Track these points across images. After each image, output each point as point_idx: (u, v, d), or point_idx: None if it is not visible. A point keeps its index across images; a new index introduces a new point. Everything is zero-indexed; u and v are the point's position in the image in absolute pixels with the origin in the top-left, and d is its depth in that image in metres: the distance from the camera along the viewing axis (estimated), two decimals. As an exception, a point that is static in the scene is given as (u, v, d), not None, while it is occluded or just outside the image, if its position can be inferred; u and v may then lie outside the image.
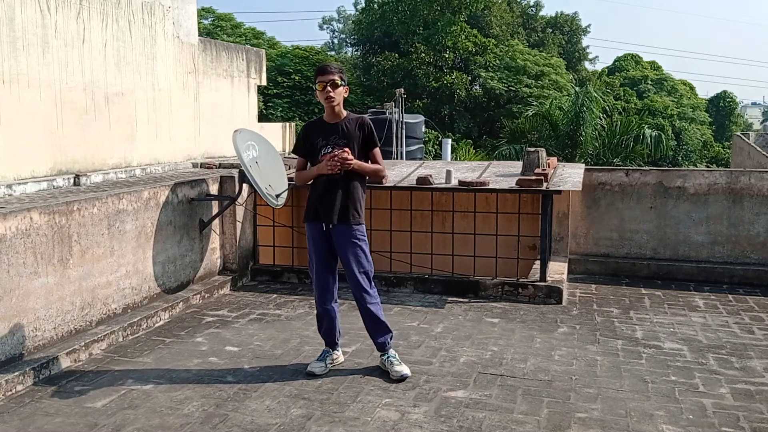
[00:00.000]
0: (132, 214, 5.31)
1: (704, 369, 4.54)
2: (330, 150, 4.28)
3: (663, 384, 4.26)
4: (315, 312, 4.61)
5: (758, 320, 5.64)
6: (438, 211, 7.00)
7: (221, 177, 6.54)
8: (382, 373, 4.39)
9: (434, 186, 6.34)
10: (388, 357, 4.42)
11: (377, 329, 4.43)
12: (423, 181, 6.36)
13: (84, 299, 4.83)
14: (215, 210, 6.44)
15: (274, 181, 6.11)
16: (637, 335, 5.22)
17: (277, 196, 5.99)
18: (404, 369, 4.34)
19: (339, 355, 4.60)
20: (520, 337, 5.13)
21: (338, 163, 4.21)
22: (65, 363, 4.45)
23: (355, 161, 4.26)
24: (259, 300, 6.14)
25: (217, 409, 3.86)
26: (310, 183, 4.46)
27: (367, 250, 4.39)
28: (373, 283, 4.46)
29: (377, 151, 4.46)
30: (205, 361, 4.59)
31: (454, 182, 6.45)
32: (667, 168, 9.71)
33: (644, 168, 7.50)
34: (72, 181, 6.17)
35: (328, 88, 4.25)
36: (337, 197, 4.26)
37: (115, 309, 5.15)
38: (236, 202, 6.41)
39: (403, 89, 14.72)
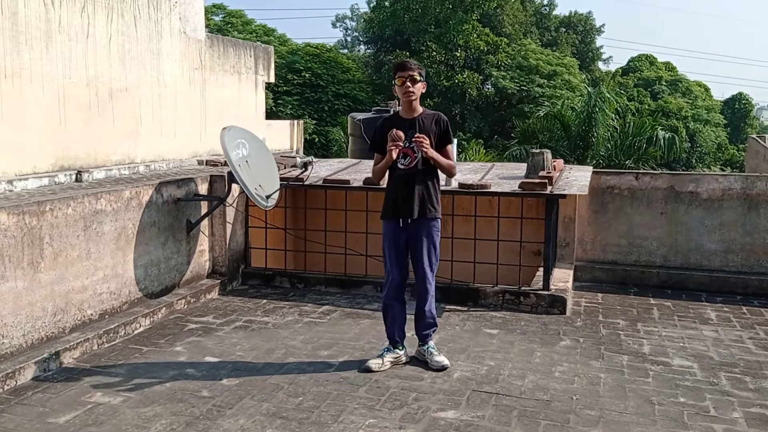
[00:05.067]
0: (111, 215, 5.05)
1: (716, 390, 4.21)
2: (407, 144, 4.32)
3: (671, 406, 3.94)
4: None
5: (774, 335, 5.30)
6: (437, 214, 6.68)
7: (211, 176, 6.28)
8: (370, 388, 4.10)
9: (433, 188, 6.03)
10: (428, 348, 4.51)
11: (428, 324, 4.51)
12: (421, 183, 6.06)
13: (57, 305, 4.57)
14: (204, 210, 6.17)
15: (265, 181, 5.85)
16: (644, 350, 4.90)
17: (268, 197, 5.74)
18: (444, 360, 4.45)
19: (401, 355, 4.51)
20: (520, 351, 4.82)
21: (415, 144, 4.25)
22: (33, 373, 4.20)
23: (432, 151, 4.29)
24: (248, 306, 5.87)
25: (186, 428, 3.58)
26: (387, 181, 4.50)
27: (439, 245, 4.50)
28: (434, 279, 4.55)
29: (451, 147, 4.53)
30: (181, 374, 4.31)
31: (454, 184, 6.15)
32: (678, 172, 9.35)
33: (655, 172, 7.16)
34: (74, 177, 6.05)
35: (408, 83, 4.29)
36: (415, 192, 4.32)
37: (91, 315, 4.89)
38: (225, 203, 6.13)
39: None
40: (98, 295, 4.95)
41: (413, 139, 4.27)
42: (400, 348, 4.52)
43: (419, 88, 4.35)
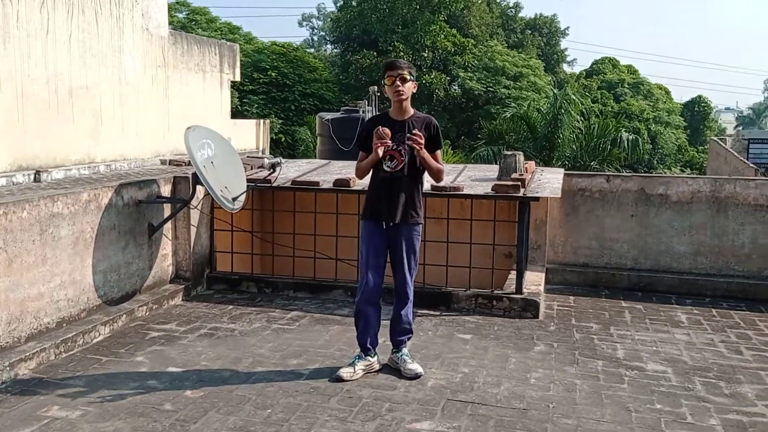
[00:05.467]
0: (68, 219, 4.81)
1: (691, 395, 4.17)
2: (395, 147, 4.22)
3: (648, 413, 3.88)
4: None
5: (745, 338, 5.30)
6: (408, 217, 6.55)
7: (174, 177, 6.06)
8: (341, 399, 3.95)
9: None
10: (401, 355, 4.39)
11: (404, 329, 4.42)
12: (392, 185, 5.93)
13: (11, 313, 4.33)
14: (167, 213, 5.95)
15: (231, 182, 5.67)
16: (619, 355, 4.85)
17: (234, 199, 5.56)
18: (418, 368, 4.32)
19: (373, 362, 4.37)
20: (494, 357, 4.73)
21: (409, 142, 4.14)
22: (-17, 386, 3.96)
23: (425, 152, 4.18)
24: (213, 312, 5.67)
25: (149, 444, 3.40)
26: (370, 182, 4.40)
27: (419, 251, 4.45)
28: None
29: (440, 153, 4.45)
30: (142, 385, 4.11)
31: (426, 186, 6.02)
32: (649, 174, 9.39)
33: (626, 174, 7.16)
34: (32, 177, 5.87)
35: (398, 83, 4.19)
36: (399, 196, 4.23)
37: (48, 323, 4.65)
38: (190, 205, 5.92)
39: (376, 87, 14.27)
40: (55, 302, 4.71)
41: (409, 135, 4.14)
42: (372, 355, 4.39)
43: (409, 88, 4.24)
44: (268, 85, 28.94)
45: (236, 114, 20.04)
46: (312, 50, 43.80)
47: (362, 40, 33.17)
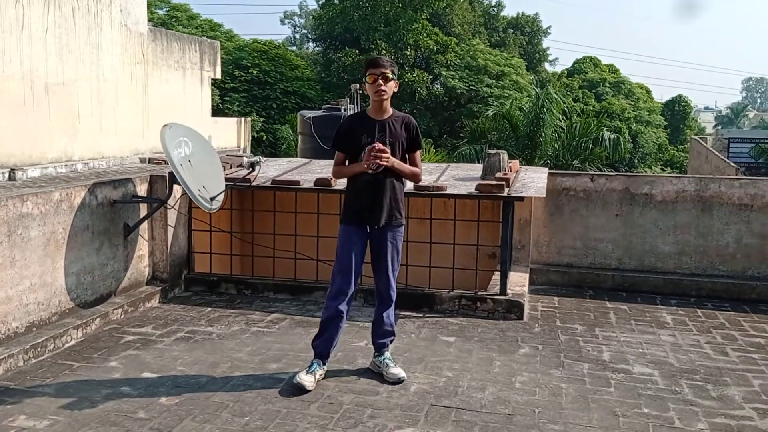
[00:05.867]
0: (39, 219, 4.64)
1: (678, 399, 4.10)
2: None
3: (635, 418, 3.80)
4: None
5: (731, 339, 5.25)
6: (391, 216, 6.43)
7: (151, 176, 5.89)
8: (322, 405, 3.83)
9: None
10: (384, 359, 4.27)
11: (386, 332, 4.31)
12: (374, 184, 5.81)
13: (-24, 318, 4.15)
14: (143, 213, 5.78)
15: (210, 182, 5.51)
16: (604, 357, 4.77)
17: (212, 198, 5.41)
18: (400, 372, 4.20)
19: (325, 370, 4.21)
20: (478, 360, 4.63)
21: (374, 159, 4.01)
22: (-53, 395, 3.78)
23: (394, 160, 4.09)
24: (191, 314, 5.52)
25: (120, 455, 3.25)
26: (349, 184, 4.26)
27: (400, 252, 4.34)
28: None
29: (419, 154, 4.34)
30: (115, 392, 3.95)
31: (409, 185, 5.91)
32: (634, 174, 9.37)
33: (610, 173, 7.09)
34: (7, 175, 5.76)
35: (380, 81, 4.04)
36: (383, 198, 4.11)
37: (17, 328, 4.48)
38: (166, 205, 5.76)
39: (358, 85, 14.14)
40: (24, 306, 4.54)
41: (374, 155, 4.00)
42: (326, 363, 4.24)
43: (391, 87, 4.10)
44: (249, 83, 28.71)
45: (217, 112, 19.84)
46: (294, 48, 43.54)
47: (344, 38, 33.02)
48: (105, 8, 7.25)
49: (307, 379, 4.01)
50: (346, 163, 4.26)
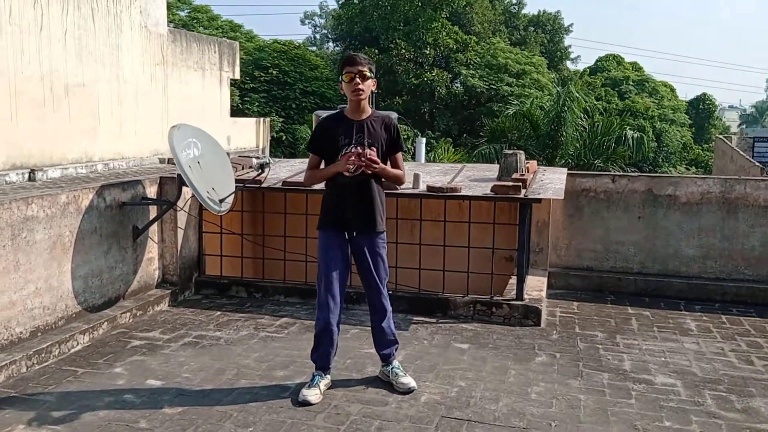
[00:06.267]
0: (45, 222, 4.56)
1: (701, 411, 3.90)
2: (355, 149, 3.86)
3: (656, 432, 3.62)
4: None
5: (756, 347, 5.03)
6: (404, 219, 6.29)
7: (161, 178, 5.81)
8: (328, 416, 3.70)
9: (399, 191, 5.66)
10: (392, 368, 4.10)
11: (387, 342, 4.12)
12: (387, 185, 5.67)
13: (-22, 323, 4.08)
14: (153, 215, 5.70)
15: (219, 183, 5.42)
16: (625, 366, 4.58)
17: (221, 200, 5.31)
18: (411, 381, 4.03)
19: (329, 380, 4.07)
20: (492, 369, 4.47)
21: (362, 164, 3.79)
22: (-53, 402, 3.71)
23: (382, 166, 3.89)
24: (200, 318, 5.42)
25: (117, 468, 3.15)
26: (327, 186, 4.05)
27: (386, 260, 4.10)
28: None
29: (401, 155, 4.10)
30: (118, 401, 3.85)
31: (422, 187, 5.78)
32: (657, 174, 9.13)
33: (632, 174, 6.89)
34: (27, 176, 5.82)
35: (357, 80, 3.82)
36: (363, 203, 3.91)
37: (21, 333, 4.40)
38: (176, 207, 5.67)
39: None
40: (29, 310, 4.46)
41: (365, 161, 3.79)
42: (329, 372, 4.10)
43: (369, 86, 3.87)
44: (269, 83, 28.72)
45: (237, 112, 19.87)
46: (314, 48, 43.53)
47: (363, 37, 32.96)
48: (125, 9, 7.30)
49: (310, 394, 3.87)
50: (321, 166, 4.04)
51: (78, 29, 6.48)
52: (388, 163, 4.02)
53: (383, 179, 4.04)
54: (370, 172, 3.84)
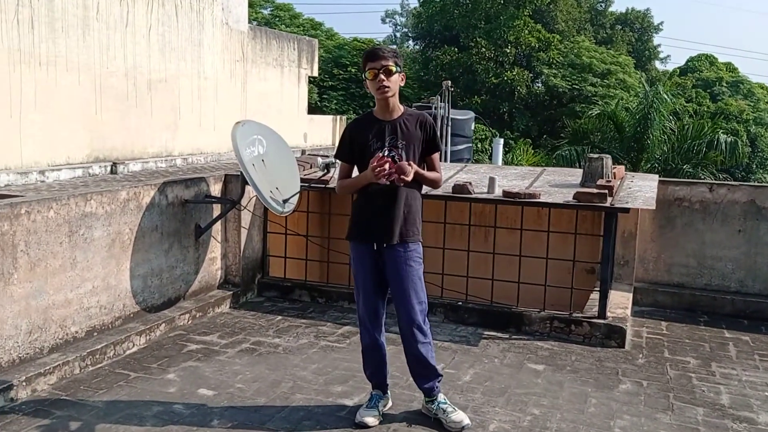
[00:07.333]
0: (103, 219, 4.44)
1: (818, 461, 3.37)
2: (388, 154, 3.45)
3: (763, 485, 3.12)
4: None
5: None
6: (478, 226, 5.90)
7: (225, 176, 5.64)
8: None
9: (473, 196, 5.29)
10: (438, 404, 3.60)
11: (425, 374, 3.61)
12: (460, 189, 5.31)
13: (32, 321, 3.98)
14: (216, 213, 5.54)
15: (283, 183, 5.18)
16: (722, 401, 4.06)
17: (285, 201, 5.07)
18: (463, 418, 3.55)
19: (389, 399, 3.76)
20: (570, 395, 4.04)
21: (393, 173, 3.36)
22: (-3, 403, 3.61)
23: (416, 169, 3.45)
24: (260, 322, 5.21)
25: (156, 490, 2.93)
26: (356, 193, 3.66)
27: (422, 277, 3.59)
28: (427, 319, 3.60)
29: (437, 156, 3.64)
30: (166, 411, 3.66)
31: (498, 192, 5.38)
32: (761, 184, 8.35)
33: (732, 183, 6.24)
34: (109, 169, 5.94)
35: (381, 76, 3.39)
36: (395, 212, 3.47)
37: (76, 332, 4.29)
38: (239, 206, 5.49)
39: (450, 82, 13.58)
40: (85, 309, 4.35)
41: (396, 177, 3.37)
42: (387, 391, 3.75)
43: (396, 81, 3.42)
44: (347, 81, 28.73)
45: (315, 110, 19.88)
46: (394, 47, 43.44)
47: (444, 36, 32.50)
48: (207, 6, 7.37)
49: (368, 415, 3.57)
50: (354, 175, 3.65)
51: (162, 26, 6.55)
52: (424, 165, 3.58)
53: (421, 183, 3.61)
54: (401, 184, 3.43)
